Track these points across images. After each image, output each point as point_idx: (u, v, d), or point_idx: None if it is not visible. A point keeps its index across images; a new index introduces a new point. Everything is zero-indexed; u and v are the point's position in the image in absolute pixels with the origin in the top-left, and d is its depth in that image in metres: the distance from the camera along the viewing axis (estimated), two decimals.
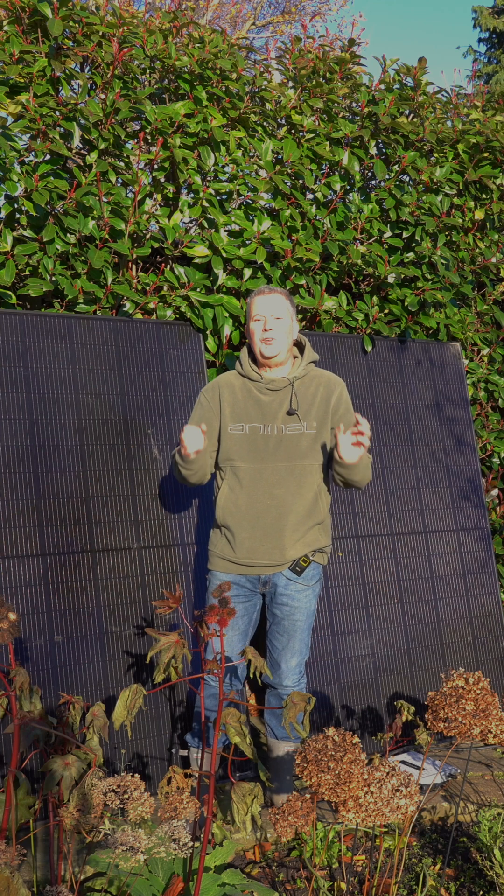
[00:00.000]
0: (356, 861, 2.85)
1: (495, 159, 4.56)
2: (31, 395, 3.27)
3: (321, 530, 3.02)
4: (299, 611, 3.01)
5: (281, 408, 2.97)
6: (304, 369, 3.02)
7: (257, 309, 2.98)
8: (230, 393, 3.01)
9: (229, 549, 2.99)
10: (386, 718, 3.74)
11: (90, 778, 2.07)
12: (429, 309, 4.38)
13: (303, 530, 2.96)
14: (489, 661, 4.15)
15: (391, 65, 4.33)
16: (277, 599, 3.00)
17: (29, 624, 3.08)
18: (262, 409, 2.97)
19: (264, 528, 2.94)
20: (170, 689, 3.32)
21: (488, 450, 4.71)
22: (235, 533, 2.96)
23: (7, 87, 3.45)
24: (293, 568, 2.97)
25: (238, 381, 3.04)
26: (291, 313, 3.01)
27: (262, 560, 2.95)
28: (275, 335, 2.94)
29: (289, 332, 2.99)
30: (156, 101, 3.90)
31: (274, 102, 4.09)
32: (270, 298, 2.97)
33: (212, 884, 2.35)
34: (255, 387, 3.00)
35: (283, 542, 2.94)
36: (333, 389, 3.03)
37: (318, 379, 3.04)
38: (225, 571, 3.00)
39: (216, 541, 3.05)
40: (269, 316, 2.95)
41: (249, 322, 3.01)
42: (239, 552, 2.97)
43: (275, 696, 3.08)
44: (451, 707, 2.41)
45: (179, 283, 3.73)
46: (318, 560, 3.02)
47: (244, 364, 3.03)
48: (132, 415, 3.47)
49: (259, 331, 2.96)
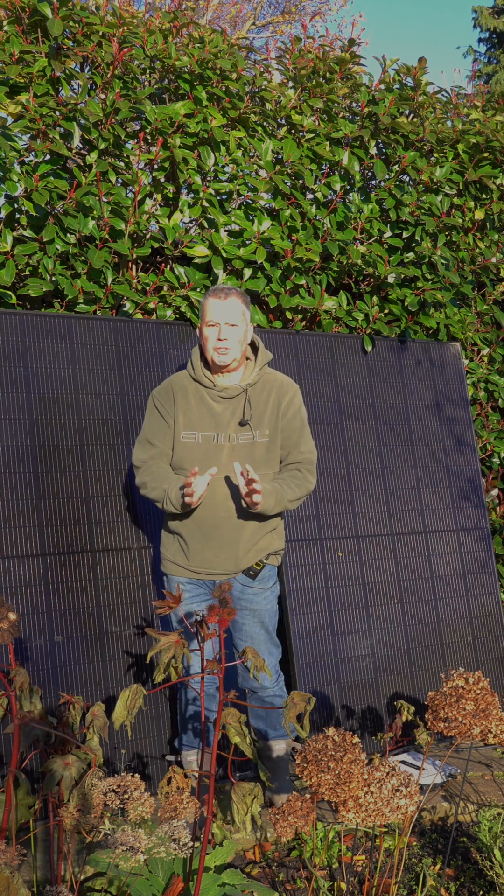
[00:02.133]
0: (356, 861, 2.85)
1: (495, 159, 4.56)
2: (31, 395, 3.27)
3: (274, 535, 3.00)
4: (259, 613, 2.98)
5: (234, 416, 2.90)
6: (257, 374, 2.95)
7: (211, 314, 2.88)
8: (183, 398, 2.94)
9: (182, 555, 2.96)
10: (386, 718, 3.74)
11: (90, 778, 2.07)
12: (429, 309, 4.38)
13: (256, 539, 2.94)
14: (489, 661, 4.15)
15: (391, 65, 4.33)
16: (236, 604, 2.96)
17: (29, 624, 3.08)
18: (214, 418, 2.91)
19: (219, 541, 2.90)
20: (170, 689, 3.32)
21: (488, 450, 4.71)
22: (189, 543, 2.93)
23: (7, 87, 3.44)
24: (247, 573, 2.95)
25: (191, 385, 2.96)
26: (246, 316, 2.93)
27: (216, 569, 2.93)
28: (229, 344, 2.86)
29: (243, 338, 2.91)
30: (156, 101, 3.90)
31: (274, 102, 4.09)
32: (226, 305, 2.87)
33: (212, 884, 2.35)
34: (207, 394, 2.93)
35: (237, 553, 2.91)
36: (285, 394, 2.97)
37: (271, 384, 2.97)
38: (179, 575, 2.97)
39: (168, 545, 3.00)
40: (222, 323, 2.86)
41: (203, 325, 2.91)
42: (193, 561, 2.94)
43: (256, 700, 3.06)
44: (451, 707, 2.41)
45: (179, 283, 3.73)
46: (271, 562, 3.00)
47: (196, 368, 2.94)
48: (132, 415, 3.47)
49: (213, 338, 2.87)
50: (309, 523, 3.77)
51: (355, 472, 3.95)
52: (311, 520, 3.78)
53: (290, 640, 3.57)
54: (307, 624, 3.63)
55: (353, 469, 3.95)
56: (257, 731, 3.12)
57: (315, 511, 3.80)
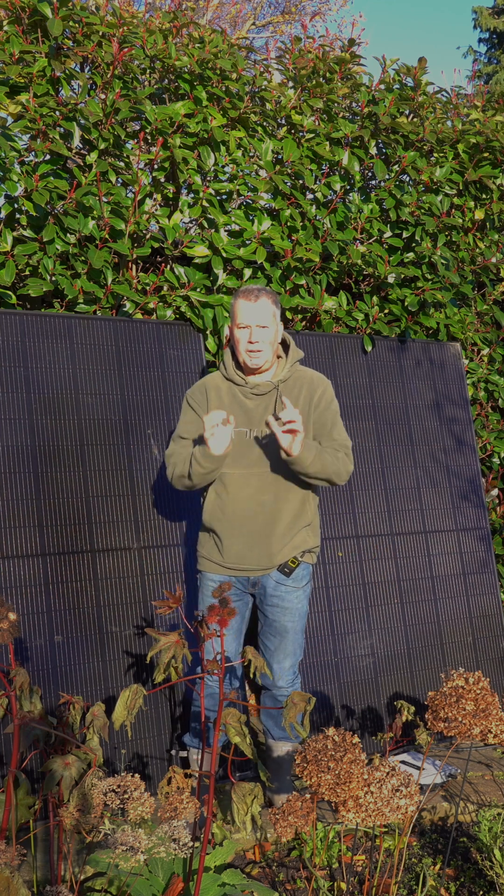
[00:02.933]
0: (356, 861, 2.85)
1: (495, 159, 4.56)
2: (31, 395, 3.27)
3: (309, 531, 3.01)
4: (290, 612, 2.99)
5: (266, 412, 2.92)
6: (288, 371, 2.97)
7: (242, 317, 2.87)
8: (217, 396, 2.96)
9: (217, 552, 2.97)
10: (386, 718, 3.74)
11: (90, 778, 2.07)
12: (429, 309, 4.37)
13: (291, 534, 2.95)
14: (489, 661, 4.15)
15: (391, 65, 4.33)
16: (268, 601, 2.99)
17: (29, 624, 3.08)
18: (247, 415, 2.93)
19: (252, 535, 2.91)
20: (170, 689, 3.32)
21: (488, 450, 4.71)
22: (223, 538, 2.94)
23: (7, 87, 3.44)
24: (282, 570, 2.95)
25: (224, 384, 2.99)
26: (277, 316, 2.92)
27: (251, 565, 2.94)
28: (261, 346, 2.87)
29: (274, 339, 2.91)
30: (156, 101, 3.90)
31: (274, 102, 4.09)
32: (256, 306, 2.86)
33: (212, 884, 2.35)
34: (240, 391, 2.95)
35: (272, 548, 2.93)
36: (316, 388, 2.99)
37: (302, 380, 2.99)
38: (212, 572, 2.99)
39: (204, 542, 3.03)
40: (253, 325, 2.86)
41: (234, 327, 2.92)
42: (227, 556, 2.95)
43: (269, 698, 3.07)
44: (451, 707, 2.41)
45: (179, 283, 3.73)
46: (307, 560, 3.01)
47: (228, 368, 2.97)
48: (132, 415, 3.47)
49: (244, 341, 2.88)
50: None
51: (355, 472, 3.94)
52: None
53: None
54: (307, 624, 3.63)
55: (354, 469, 3.95)
56: (265, 728, 3.13)
57: None
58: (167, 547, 3.43)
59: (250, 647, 2.34)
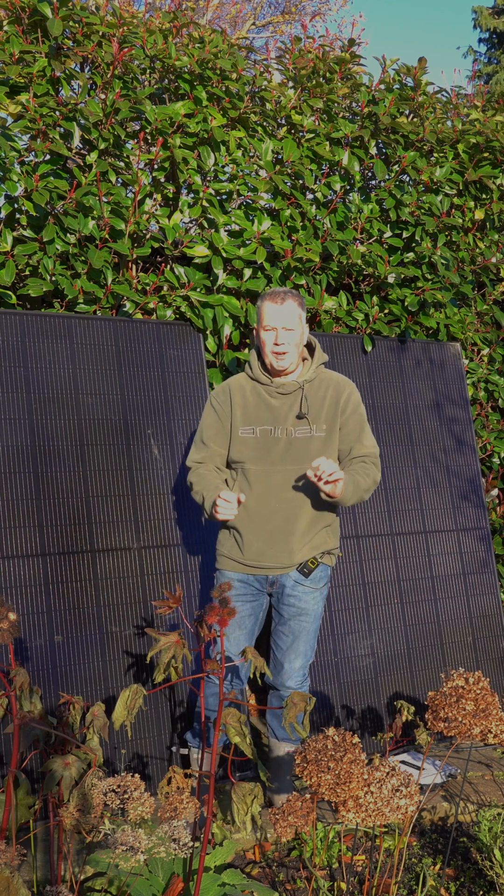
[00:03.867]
0: (356, 861, 2.85)
1: (495, 159, 4.56)
2: (31, 395, 3.27)
3: (329, 532, 3.02)
4: (306, 612, 3.00)
5: (291, 411, 2.95)
6: (313, 372, 2.99)
7: (269, 319, 2.89)
8: (241, 396, 2.99)
9: (237, 550, 2.98)
10: (386, 718, 3.74)
11: (90, 778, 2.07)
12: (429, 309, 4.38)
13: (311, 534, 2.96)
14: (489, 661, 4.15)
15: (391, 65, 4.33)
16: (284, 600, 3.00)
17: (29, 624, 3.08)
18: (272, 413, 2.95)
19: (273, 532, 2.93)
20: (170, 689, 3.32)
21: (488, 450, 4.71)
22: (244, 535, 2.95)
23: (7, 87, 3.44)
24: (301, 570, 2.96)
25: (248, 383, 3.01)
26: (303, 319, 2.94)
27: (271, 562, 2.95)
28: (286, 348, 2.89)
29: (300, 341, 2.94)
30: (156, 101, 3.90)
31: (274, 102, 4.09)
32: (283, 309, 2.87)
33: (212, 884, 2.35)
34: (265, 390, 2.97)
35: (292, 546, 2.93)
36: (342, 391, 3.01)
37: (328, 381, 3.02)
38: (232, 570, 3.00)
39: (224, 541, 3.04)
40: (280, 328, 2.88)
41: (260, 329, 2.94)
42: (247, 554, 2.96)
43: (277, 698, 3.08)
44: (451, 707, 2.41)
45: (179, 283, 3.73)
46: (326, 562, 3.01)
47: (254, 369, 2.99)
48: (132, 415, 3.47)
49: (270, 343, 2.90)
50: None
51: None
52: None
53: None
54: None
55: None
56: (270, 728, 3.13)
57: None
58: (167, 547, 3.43)
59: (250, 647, 2.34)
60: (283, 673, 3.03)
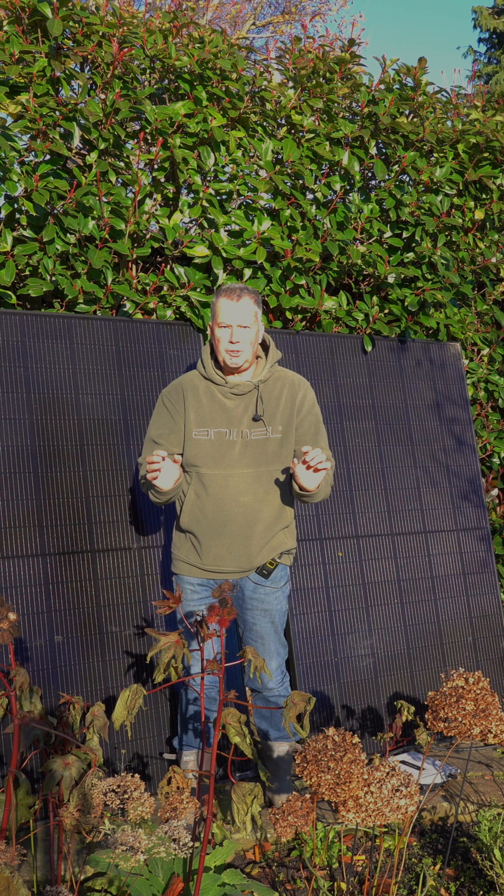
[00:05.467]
0: (356, 861, 2.85)
1: (495, 159, 4.56)
2: (31, 395, 3.27)
3: (287, 533, 3.00)
4: (270, 613, 2.98)
5: (246, 412, 2.90)
6: (268, 371, 2.94)
7: (224, 316, 2.84)
8: (194, 396, 2.92)
9: (195, 555, 2.95)
10: (386, 718, 3.74)
11: (90, 778, 2.07)
12: (429, 309, 4.38)
13: (269, 536, 2.93)
14: (489, 661, 4.15)
15: (391, 65, 4.33)
16: (247, 604, 2.97)
17: (29, 624, 3.09)
18: (227, 415, 2.90)
19: (231, 537, 2.89)
20: (170, 689, 3.32)
21: (488, 450, 4.71)
22: (202, 540, 2.92)
23: (7, 87, 3.44)
24: (260, 572, 2.94)
25: (202, 383, 2.94)
26: (258, 316, 2.90)
27: (229, 567, 2.93)
28: (241, 346, 2.84)
29: (255, 339, 2.89)
30: (156, 101, 3.90)
31: (274, 102, 4.09)
32: (238, 306, 2.82)
33: (212, 884, 2.35)
34: (219, 391, 2.91)
35: (251, 550, 2.91)
36: (297, 390, 2.96)
37: (283, 381, 2.97)
38: (189, 575, 2.97)
39: (180, 545, 2.99)
40: (235, 325, 2.83)
41: (214, 326, 2.88)
42: (206, 559, 2.93)
43: (261, 699, 3.06)
44: (451, 707, 2.41)
45: (179, 283, 3.73)
46: (284, 562, 3.00)
47: (207, 367, 2.93)
48: (132, 415, 3.47)
49: (225, 340, 2.85)
50: (309, 523, 3.77)
51: (355, 472, 3.95)
52: (311, 520, 3.78)
53: (291, 640, 3.57)
54: (307, 624, 3.63)
55: (353, 469, 3.95)
56: (260, 731, 3.12)
57: (315, 511, 3.80)
58: (167, 547, 3.43)
59: (250, 647, 2.34)
60: (262, 676, 3.02)
